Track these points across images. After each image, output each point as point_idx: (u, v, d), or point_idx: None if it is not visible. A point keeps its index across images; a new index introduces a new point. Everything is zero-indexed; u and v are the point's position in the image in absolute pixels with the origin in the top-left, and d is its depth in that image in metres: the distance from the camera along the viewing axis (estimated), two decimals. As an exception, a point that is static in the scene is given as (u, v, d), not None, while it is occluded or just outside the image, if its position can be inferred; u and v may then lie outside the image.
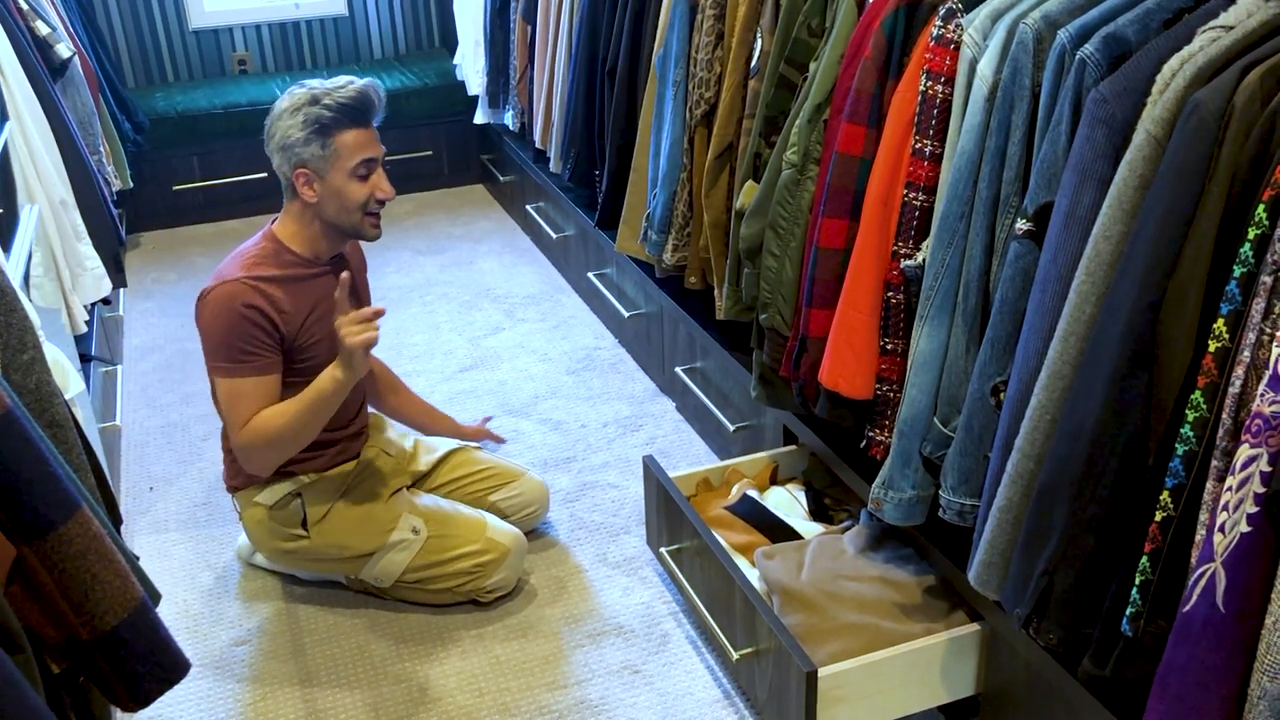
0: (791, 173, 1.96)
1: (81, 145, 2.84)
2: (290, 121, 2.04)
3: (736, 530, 2.15)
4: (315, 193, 2.08)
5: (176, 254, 4.15)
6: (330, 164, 2.05)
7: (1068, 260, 1.41)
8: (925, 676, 1.83)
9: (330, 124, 2.03)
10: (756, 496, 2.23)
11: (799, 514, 2.22)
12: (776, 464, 2.35)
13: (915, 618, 1.88)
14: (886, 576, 1.95)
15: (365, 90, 2.07)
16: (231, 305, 2.05)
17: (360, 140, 2.06)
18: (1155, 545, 1.31)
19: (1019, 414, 1.49)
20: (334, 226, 2.13)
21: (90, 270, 2.67)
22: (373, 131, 2.10)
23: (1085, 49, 1.40)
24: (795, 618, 1.89)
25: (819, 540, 2.06)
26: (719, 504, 2.23)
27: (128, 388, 3.17)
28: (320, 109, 2.03)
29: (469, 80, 4.25)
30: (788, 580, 1.95)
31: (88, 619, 1.19)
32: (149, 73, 4.62)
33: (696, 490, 2.31)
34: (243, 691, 2.09)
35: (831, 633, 1.85)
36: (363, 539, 2.20)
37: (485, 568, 2.22)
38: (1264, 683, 1.17)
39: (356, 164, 2.06)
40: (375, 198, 2.10)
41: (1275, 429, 1.14)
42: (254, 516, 2.24)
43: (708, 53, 2.34)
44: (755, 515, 2.18)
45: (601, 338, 3.37)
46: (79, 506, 1.18)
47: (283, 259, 2.13)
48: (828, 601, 1.90)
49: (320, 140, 2.03)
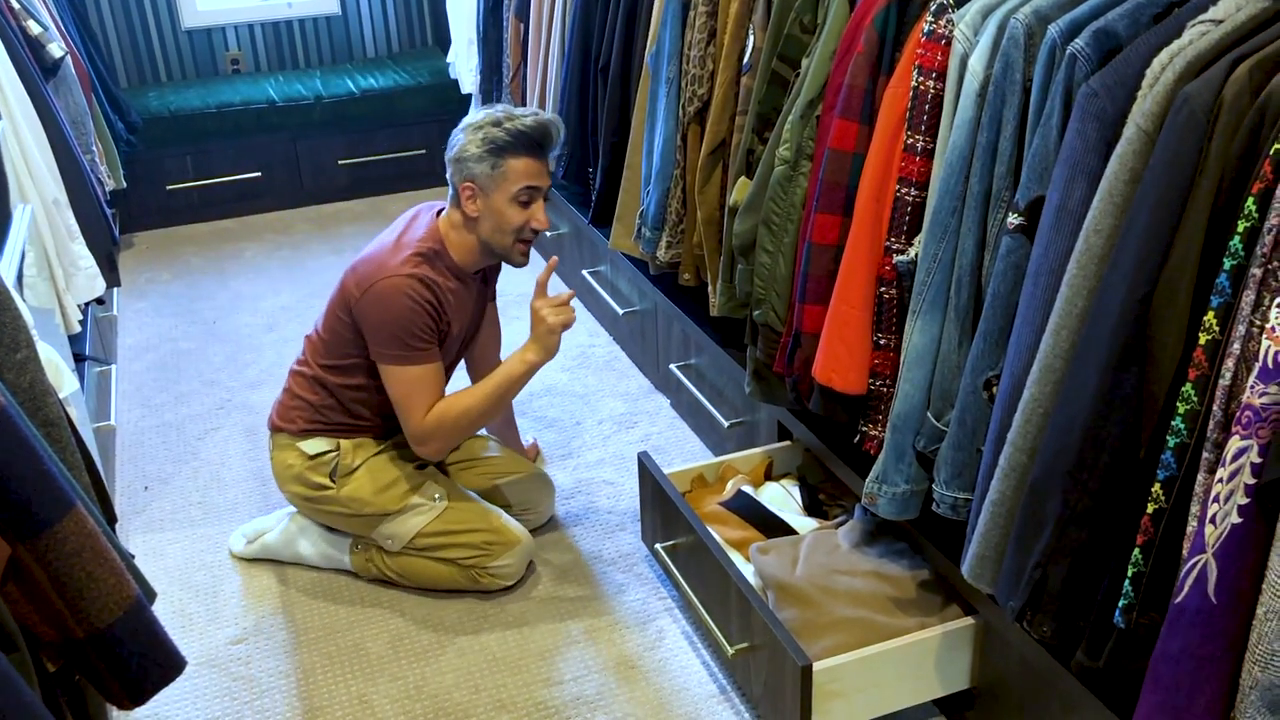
0: (784, 169, 1.96)
1: (74, 145, 2.84)
2: (471, 137, 2.15)
3: (731, 526, 2.16)
4: (477, 208, 2.18)
5: (170, 254, 4.14)
6: (496, 184, 2.15)
7: (1059, 254, 1.42)
8: (920, 670, 1.84)
9: (505, 147, 2.13)
10: (751, 492, 2.24)
11: (793, 509, 2.23)
12: (771, 459, 2.36)
13: (909, 612, 1.89)
14: (881, 571, 1.95)
15: (546, 124, 2.16)
16: (405, 297, 2.14)
17: (529, 169, 2.15)
18: (1147, 537, 1.32)
19: (1011, 408, 1.49)
20: (486, 244, 2.22)
21: (84, 270, 2.67)
22: (544, 164, 2.19)
23: (1076, 43, 1.41)
24: (790, 612, 1.89)
25: (813, 535, 2.07)
26: (714, 500, 2.24)
27: (122, 387, 3.17)
28: (500, 131, 2.13)
29: (462, 78, 4.24)
30: (783, 575, 1.95)
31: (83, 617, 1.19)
32: (142, 72, 4.61)
33: (691, 486, 2.32)
34: (239, 689, 2.09)
35: (826, 627, 1.86)
36: (385, 499, 2.26)
37: (494, 548, 2.26)
38: (1255, 672, 1.18)
39: (519, 189, 2.15)
40: (530, 226, 2.19)
41: (1265, 421, 1.14)
42: (286, 459, 2.31)
43: (700, 49, 2.35)
44: (750, 511, 2.18)
45: (596, 335, 3.37)
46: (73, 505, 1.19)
47: (441, 265, 2.21)
48: (822, 596, 1.90)
49: (492, 160, 2.13)
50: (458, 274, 2.24)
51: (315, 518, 2.37)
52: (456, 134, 2.20)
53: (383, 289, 2.14)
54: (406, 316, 2.13)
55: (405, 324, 2.13)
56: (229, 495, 2.66)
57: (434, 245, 2.20)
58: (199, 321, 3.59)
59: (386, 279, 2.14)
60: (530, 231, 2.20)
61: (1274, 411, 1.14)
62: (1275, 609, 1.14)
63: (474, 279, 2.31)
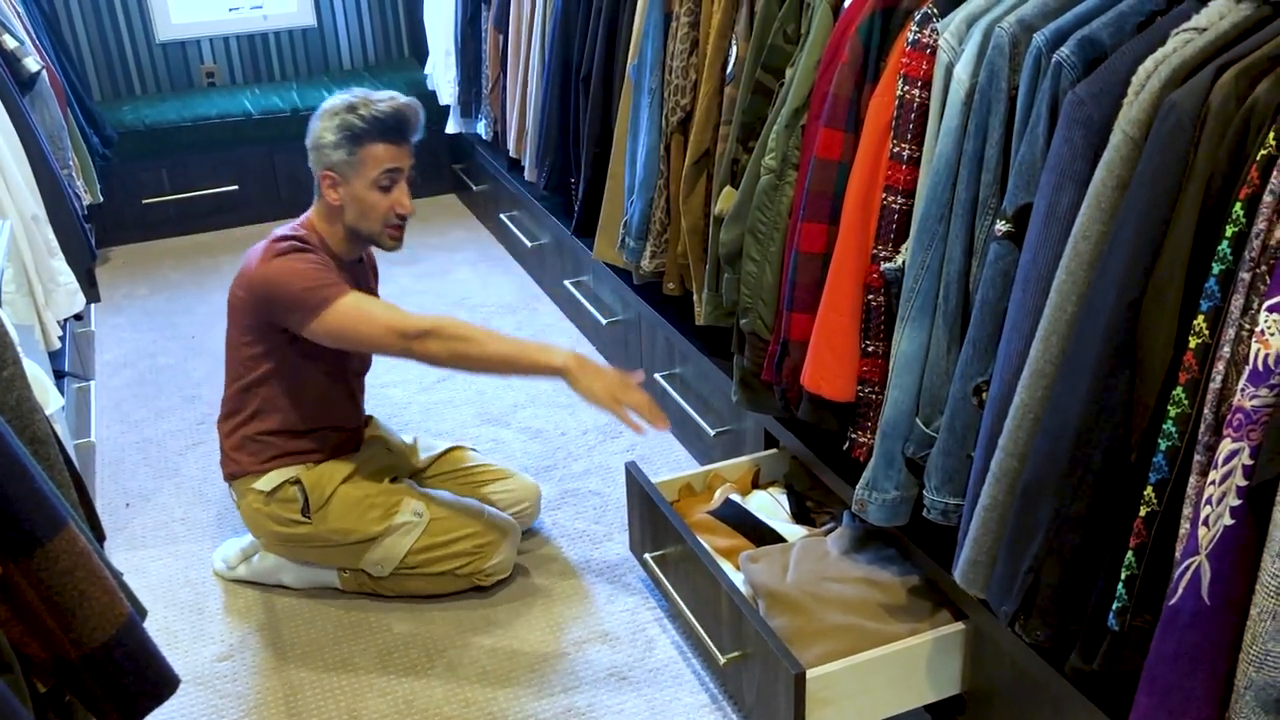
0: (770, 178, 1.97)
1: (52, 159, 2.82)
2: (326, 124, 2.11)
3: (720, 534, 2.16)
4: (339, 196, 2.14)
5: (147, 268, 4.11)
6: (356, 171, 2.11)
7: (1048, 260, 1.43)
8: (911, 676, 1.84)
9: (361, 134, 2.09)
10: (739, 500, 2.24)
11: (782, 517, 2.23)
12: (759, 467, 2.36)
13: (900, 618, 1.89)
14: (870, 577, 1.96)
15: (402, 108, 2.12)
16: (291, 258, 2.10)
17: (388, 154, 2.12)
18: (1140, 540, 1.33)
19: (1002, 413, 1.50)
20: (354, 231, 2.19)
21: (63, 285, 2.64)
22: (404, 148, 2.14)
23: (1061, 52, 1.42)
24: (781, 620, 1.89)
25: (803, 543, 2.07)
26: (702, 509, 2.24)
27: (101, 403, 3.13)
28: (355, 118, 2.09)
29: (440, 90, 4.24)
30: (773, 583, 1.95)
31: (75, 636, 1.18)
32: (116, 86, 4.58)
33: (679, 496, 2.32)
34: (226, 707, 2.07)
35: (818, 634, 1.86)
36: (366, 523, 2.22)
37: (485, 549, 2.25)
38: (1250, 672, 1.19)
39: (379, 174, 2.11)
40: (395, 211, 2.15)
41: (1256, 423, 1.16)
42: (252, 504, 2.26)
43: (683, 60, 2.35)
44: (738, 519, 2.18)
45: (579, 346, 3.37)
46: (65, 523, 1.17)
47: (312, 244, 2.17)
48: (813, 603, 1.91)
49: (349, 147, 2.10)
50: (335, 258, 2.20)
51: (300, 558, 2.31)
52: (313, 120, 2.15)
53: (263, 270, 2.12)
54: (303, 268, 2.09)
55: (306, 273, 2.09)
56: (212, 511, 2.63)
57: (303, 233, 2.18)
58: (178, 336, 3.56)
59: (264, 261, 2.12)
60: (396, 216, 2.17)
61: (1264, 414, 1.15)
62: (1269, 609, 1.16)
63: (354, 265, 2.27)
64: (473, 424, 2.97)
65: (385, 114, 2.10)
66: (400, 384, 3.19)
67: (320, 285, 2.09)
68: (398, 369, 3.27)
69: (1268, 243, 1.16)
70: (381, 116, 2.09)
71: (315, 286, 2.09)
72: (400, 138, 2.13)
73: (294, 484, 2.23)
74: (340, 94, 2.14)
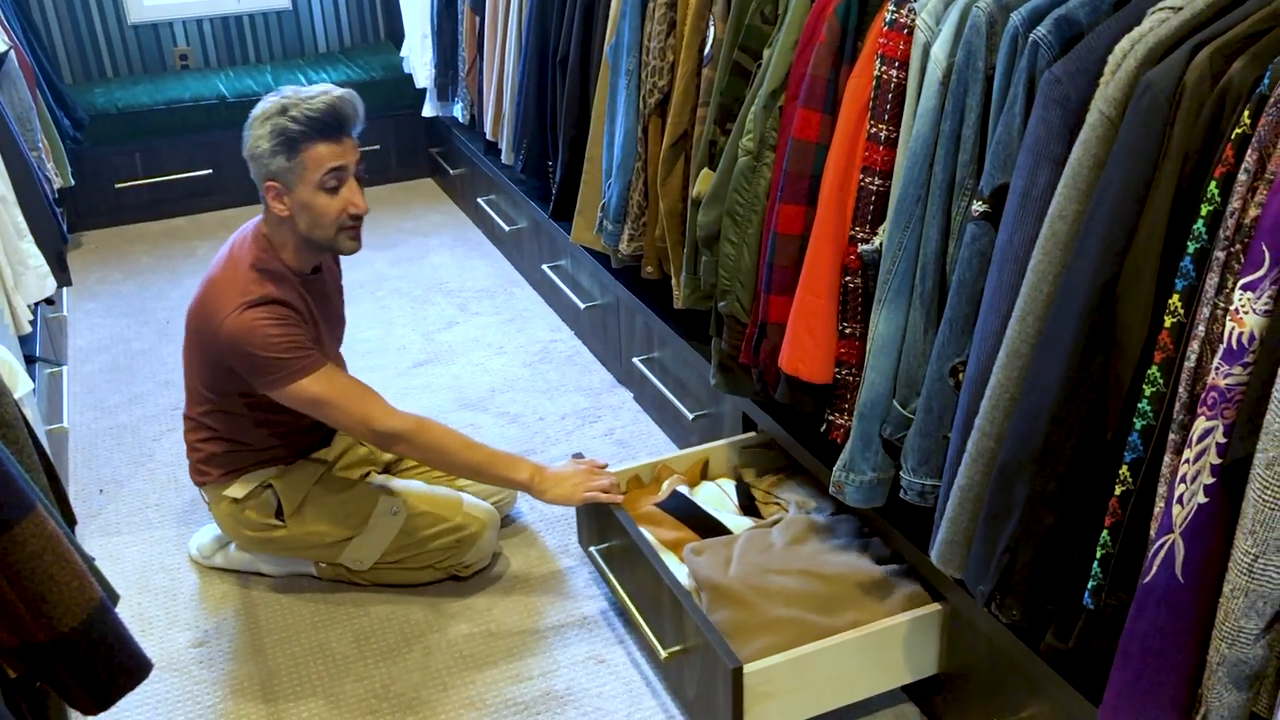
0: (748, 159, 1.96)
1: (20, 141, 2.78)
2: (259, 131, 1.98)
3: (666, 527, 2.12)
4: (286, 206, 2.02)
5: (120, 253, 4.07)
6: (298, 177, 1.99)
7: (1024, 240, 1.43)
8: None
9: (297, 137, 1.96)
10: (686, 492, 2.20)
11: (729, 509, 2.20)
12: (707, 458, 2.33)
13: (843, 610, 1.87)
14: (815, 570, 1.93)
15: (336, 103, 1.99)
16: (262, 323, 2.00)
17: (330, 153, 1.99)
18: (1115, 519, 1.34)
19: (978, 394, 1.50)
20: (309, 240, 2.07)
21: (33, 268, 2.61)
22: (346, 144, 2.02)
23: (1038, 31, 1.42)
24: (723, 614, 1.86)
25: (747, 534, 2.04)
26: (649, 501, 2.19)
27: (74, 389, 3.10)
28: (288, 120, 1.95)
29: (416, 73, 4.21)
30: (716, 576, 1.92)
31: (45, 621, 1.17)
32: (87, 68, 4.52)
33: (626, 488, 2.26)
34: (202, 693, 2.06)
35: (759, 628, 1.83)
36: (342, 524, 2.20)
37: (464, 542, 2.23)
38: (1222, 649, 1.20)
39: (323, 176, 1.99)
40: (349, 212, 2.03)
41: (1230, 401, 1.16)
42: (225, 510, 2.22)
43: (660, 41, 2.34)
44: (685, 511, 2.15)
45: (557, 330, 3.36)
46: (33, 506, 1.16)
47: (276, 271, 2.08)
48: (755, 596, 1.88)
49: (286, 153, 1.97)
50: (298, 275, 2.10)
51: (278, 557, 2.30)
52: (245, 129, 2.02)
53: (234, 326, 1.99)
54: (276, 339, 2.00)
55: (279, 344, 2.00)
56: (186, 496, 2.61)
57: (263, 254, 2.06)
58: (151, 321, 3.52)
59: (233, 314, 1.99)
60: (350, 217, 2.04)
61: (1238, 392, 1.16)
62: (1241, 586, 1.16)
63: (315, 276, 2.17)
64: (450, 409, 2.96)
65: (320, 111, 1.96)
66: (377, 369, 3.17)
67: (293, 358, 2.01)
68: (374, 354, 3.26)
69: (1242, 221, 1.17)
70: (316, 115, 1.96)
71: (287, 359, 2.01)
72: (340, 133, 2.00)
73: (266, 488, 2.20)
74: (270, 96, 2.01)
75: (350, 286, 3.64)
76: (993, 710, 1.75)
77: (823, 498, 2.15)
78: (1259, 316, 1.13)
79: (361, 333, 3.37)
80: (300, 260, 2.11)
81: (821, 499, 2.16)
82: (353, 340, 3.30)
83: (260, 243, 2.09)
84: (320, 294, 2.19)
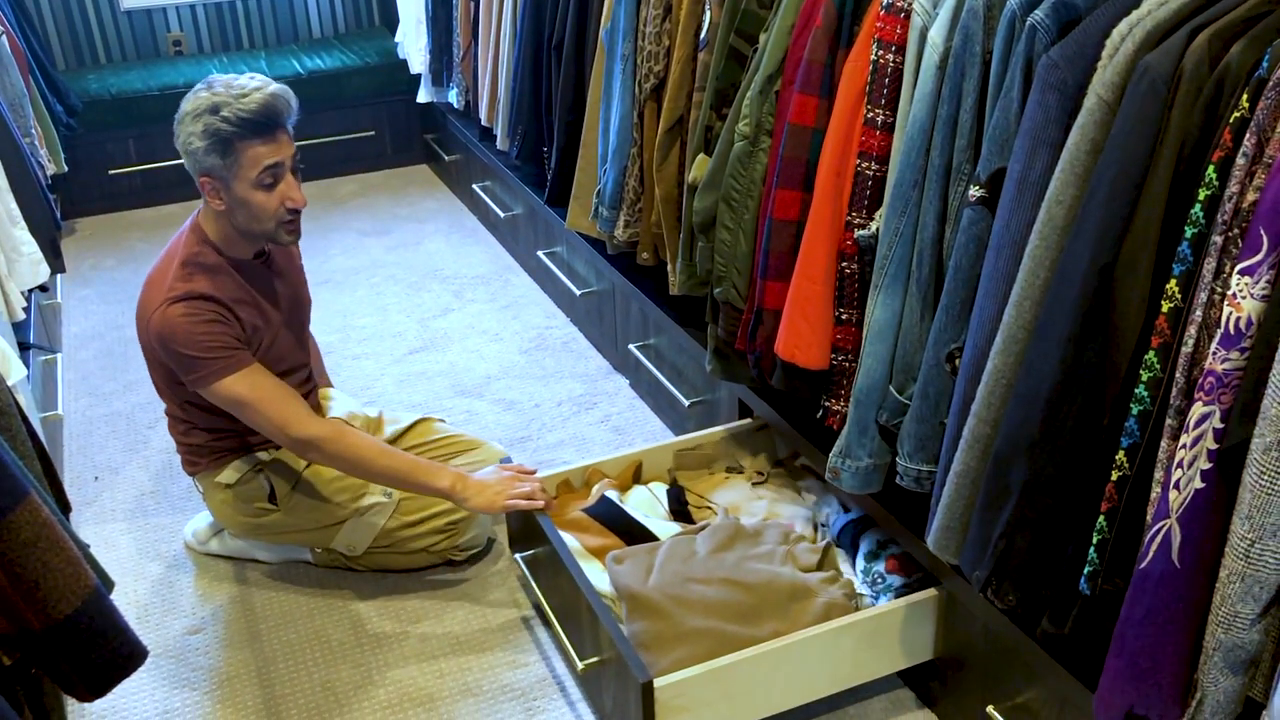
0: (744, 145, 1.95)
1: (13, 127, 2.76)
2: (192, 129, 1.95)
3: (592, 533, 2.07)
4: (222, 202, 2.01)
5: (114, 239, 4.05)
6: (234, 175, 1.97)
7: (1021, 225, 1.42)
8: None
9: (231, 137, 1.93)
10: (615, 497, 2.15)
11: (660, 514, 2.16)
12: (640, 462, 2.28)
13: (763, 620, 1.83)
14: (736, 578, 1.89)
15: (268, 101, 1.94)
16: (184, 319, 1.99)
17: (266, 151, 1.96)
18: (1111, 504, 1.34)
19: (975, 379, 1.50)
20: (247, 233, 2.06)
21: (27, 255, 2.60)
22: (281, 140, 1.98)
23: (1035, 15, 1.41)
24: (640, 624, 1.82)
25: (671, 542, 1.99)
26: (578, 506, 2.14)
27: (68, 376, 3.09)
28: (220, 120, 1.92)
29: (411, 58, 4.19)
30: (635, 585, 1.87)
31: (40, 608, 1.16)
32: (80, 54, 4.49)
33: (557, 492, 2.22)
34: (198, 680, 2.06)
35: (676, 639, 1.79)
36: (334, 507, 2.20)
37: (458, 526, 2.23)
38: (1218, 634, 1.20)
39: (259, 174, 1.96)
40: (286, 207, 2.01)
41: (1227, 386, 1.16)
42: (217, 497, 2.22)
43: (656, 26, 2.33)
44: (611, 517, 2.09)
45: (553, 317, 3.36)
46: (27, 493, 1.16)
47: (212, 263, 2.06)
48: (674, 606, 1.83)
49: (220, 151, 1.95)
50: (238, 263, 2.09)
51: (272, 542, 2.30)
52: (176, 124, 1.99)
53: (158, 322, 1.99)
54: (198, 336, 1.99)
55: (200, 342, 1.99)
56: (182, 484, 2.61)
57: (197, 247, 2.05)
58: (146, 308, 3.51)
59: (158, 310, 1.99)
60: (288, 212, 2.02)
61: (1235, 377, 1.16)
62: (1237, 571, 1.16)
63: (259, 261, 2.15)
64: (446, 396, 2.95)
65: (253, 112, 1.92)
66: (372, 355, 3.16)
67: (213, 357, 2.00)
68: (369, 341, 3.25)
69: (1240, 206, 1.16)
70: (249, 115, 1.92)
71: (208, 358, 2.00)
72: (274, 130, 1.96)
73: (258, 473, 2.20)
74: (199, 90, 1.97)
75: (345, 272, 3.66)
76: (988, 695, 1.76)
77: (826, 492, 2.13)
78: (1256, 301, 1.13)
79: (357, 319, 3.36)
80: (238, 249, 2.09)
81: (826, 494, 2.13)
82: (348, 327, 3.30)
83: (197, 233, 2.08)
84: (265, 279, 2.16)
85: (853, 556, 2.02)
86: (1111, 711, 1.31)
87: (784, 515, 2.14)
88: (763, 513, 2.14)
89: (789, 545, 1.99)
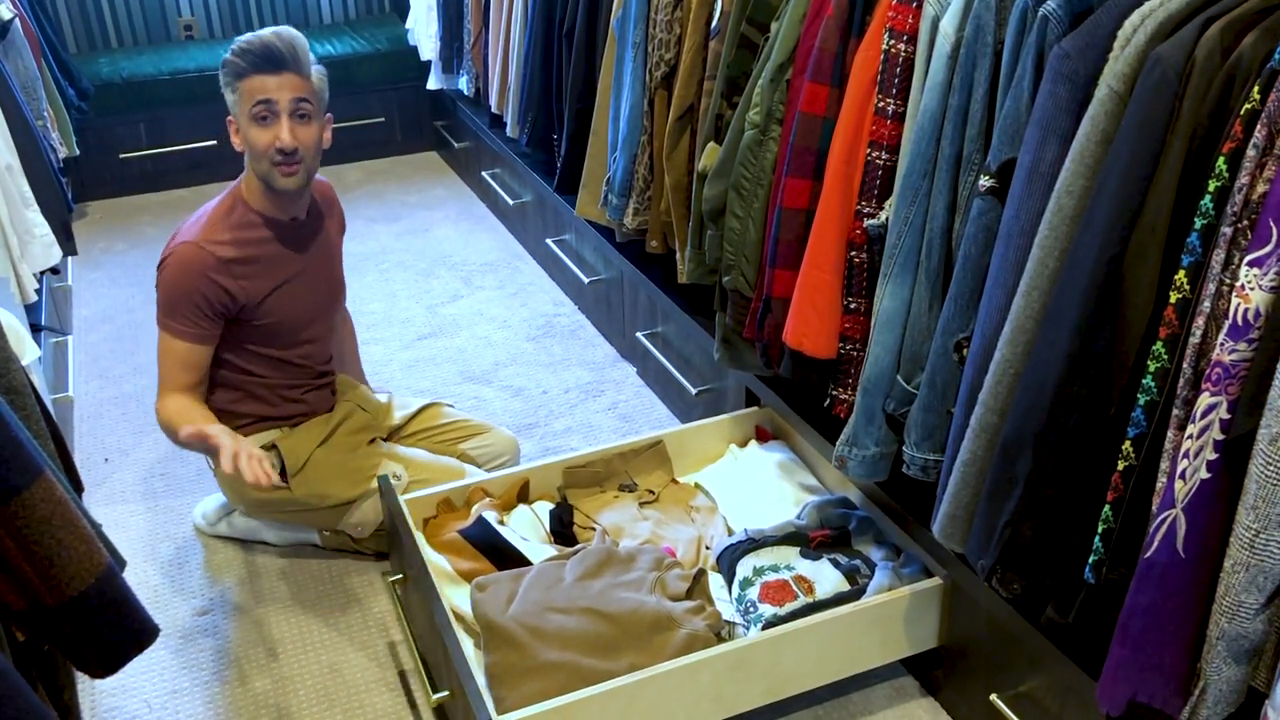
0: (754, 133, 1.95)
1: (26, 109, 2.77)
2: (221, 73, 2.11)
3: (465, 557, 2.00)
4: (240, 141, 2.12)
5: (125, 223, 4.07)
6: (241, 110, 2.09)
7: (1030, 216, 1.43)
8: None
9: (239, 71, 2.06)
10: (493, 518, 2.06)
11: (540, 535, 2.08)
12: (527, 480, 2.20)
13: (621, 653, 1.75)
14: (598, 608, 1.80)
15: (271, 39, 2.06)
16: (188, 271, 2.08)
17: (262, 85, 2.05)
18: (1117, 494, 1.34)
19: (982, 369, 1.50)
20: (259, 176, 2.14)
21: (39, 237, 2.61)
22: (281, 78, 2.05)
23: (1047, 5, 1.41)
24: (496, 656, 1.75)
25: (539, 568, 1.91)
26: (456, 526, 2.06)
27: (79, 358, 3.11)
28: (233, 56, 2.07)
29: (421, 45, 4.19)
30: (493, 614, 1.79)
31: (54, 585, 1.17)
32: (91, 38, 4.51)
33: (437, 511, 2.14)
34: (206, 661, 2.07)
35: (529, 672, 1.72)
36: (344, 486, 2.21)
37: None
38: (1222, 624, 1.21)
39: (253, 107, 2.06)
40: (275, 146, 2.06)
41: (1235, 377, 1.16)
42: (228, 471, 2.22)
43: (667, 14, 2.33)
44: (484, 540, 2.01)
45: (561, 304, 3.36)
46: (41, 471, 1.16)
47: (243, 218, 2.14)
48: (530, 638, 1.75)
49: (232, 86, 2.08)
50: (268, 222, 2.17)
51: (281, 520, 2.32)
52: None
53: (172, 260, 2.10)
54: (174, 287, 2.09)
55: (170, 293, 2.10)
56: (191, 466, 2.62)
57: (231, 200, 2.16)
58: (156, 292, 3.52)
59: (179, 247, 2.11)
60: (279, 152, 2.06)
61: (1243, 368, 1.16)
62: (1242, 561, 1.17)
63: (293, 224, 2.21)
64: (454, 381, 2.97)
65: (256, 47, 2.05)
66: (381, 341, 3.18)
67: (167, 315, 2.11)
68: (378, 326, 3.26)
69: (1250, 197, 1.17)
70: (251, 49, 2.05)
71: (164, 311, 2.11)
72: (272, 67, 2.04)
73: (270, 449, 2.21)
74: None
75: (355, 259, 3.67)
76: (992, 684, 1.77)
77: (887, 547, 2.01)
78: (1265, 292, 1.13)
79: (366, 305, 3.37)
80: (267, 205, 2.16)
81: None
82: (358, 313, 3.30)
83: (236, 189, 2.18)
84: (295, 243, 2.21)
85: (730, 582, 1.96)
86: (1115, 700, 1.32)
87: (668, 537, 2.08)
88: (646, 534, 2.07)
89: (660, 572, 1.89)
